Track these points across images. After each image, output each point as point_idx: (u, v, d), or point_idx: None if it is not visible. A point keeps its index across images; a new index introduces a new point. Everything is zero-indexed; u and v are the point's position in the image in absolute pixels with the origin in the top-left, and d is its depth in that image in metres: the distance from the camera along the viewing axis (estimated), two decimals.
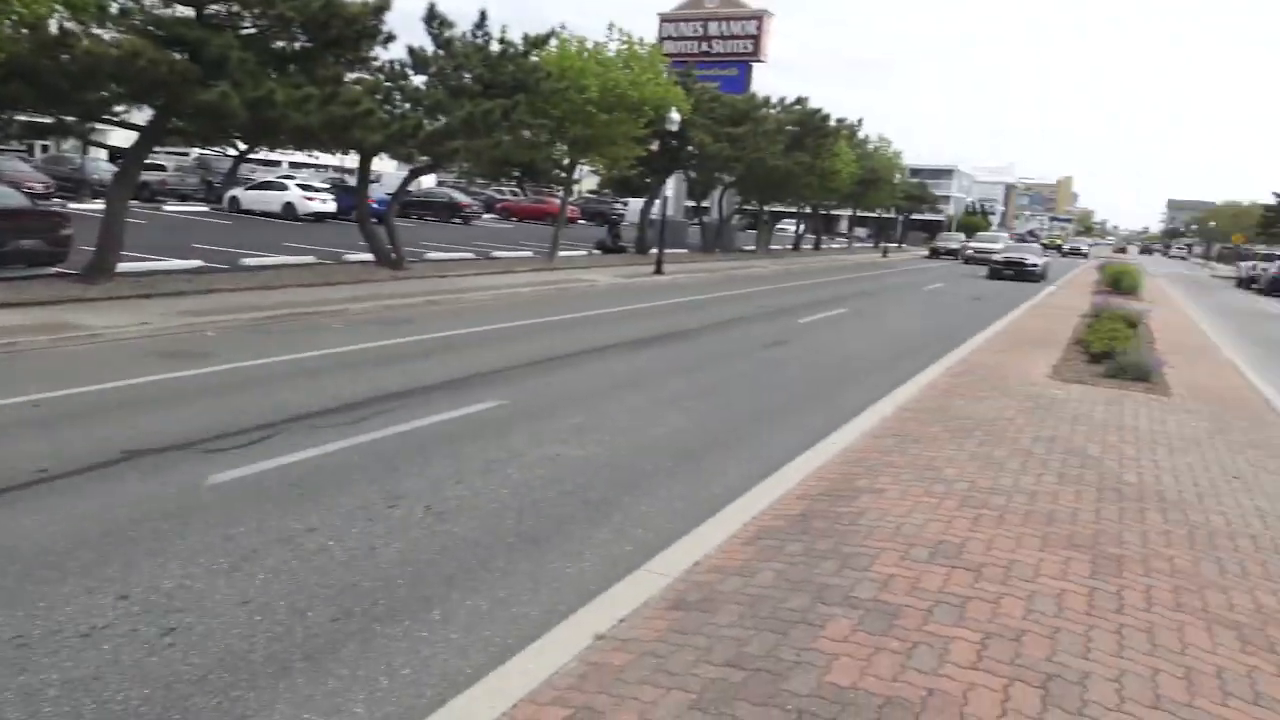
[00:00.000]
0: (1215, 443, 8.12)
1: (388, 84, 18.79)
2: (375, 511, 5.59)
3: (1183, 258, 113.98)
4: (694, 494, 6.37)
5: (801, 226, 55.40)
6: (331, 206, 36.09)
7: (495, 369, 10.30)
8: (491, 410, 8.33)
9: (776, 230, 63.17)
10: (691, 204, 44.76)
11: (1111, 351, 12.03)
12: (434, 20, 19.77)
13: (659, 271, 25.57)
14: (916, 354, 13.44)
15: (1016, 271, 34.75)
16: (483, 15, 20.70)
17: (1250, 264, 49.40)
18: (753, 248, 43.63)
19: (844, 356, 13.07)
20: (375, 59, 17.46)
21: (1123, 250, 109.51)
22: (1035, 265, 35.41)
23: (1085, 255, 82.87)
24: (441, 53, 19.72)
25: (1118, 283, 27.03)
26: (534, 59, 21.57)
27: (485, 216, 49.09)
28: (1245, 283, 47.76)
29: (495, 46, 20.87)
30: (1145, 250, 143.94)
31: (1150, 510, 5.82)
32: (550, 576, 4.85)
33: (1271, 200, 63.93)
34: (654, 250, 27.93)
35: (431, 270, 20.97)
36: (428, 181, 48.32)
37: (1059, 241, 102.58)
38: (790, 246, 51.54)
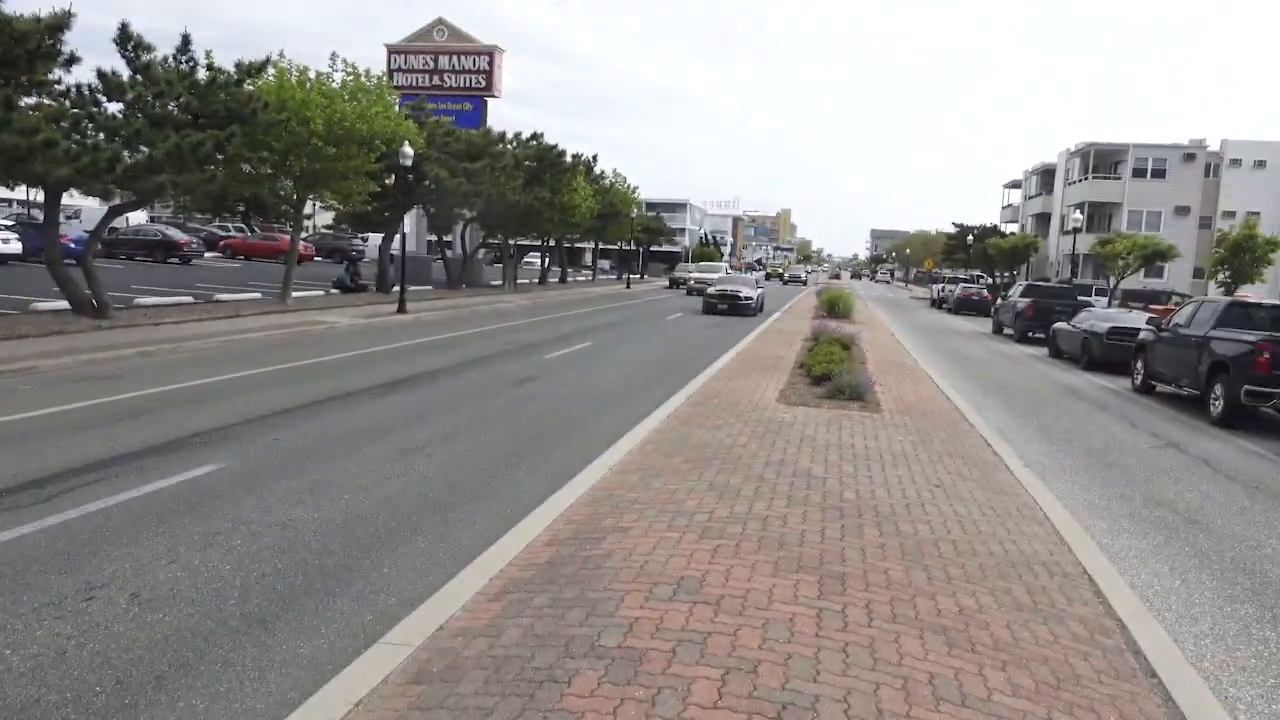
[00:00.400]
0: (920, 455, 9.00)
1: (75, 111, 16.89)
2: (67, 607, 4.89)
3: (886, 282, 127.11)
4: (440, 549, 6.13)
5: (546, 260, 56.07)
6: (16, 247, 31.94)
7: (218, 426, 9.46)
8: (212, 475, 7.62)
9: (523, 264, 63.35)
10: (434, 239, 44.01)
11: (830, 374, 13.06)
12: (128, 42, 18.00)
13: (402, 310, 24.83)
14: (659, 383, 13.90)
15: (730, 305, 32.19)
16: (185, 39, 19.16)
17: (940, 286, 56.00)
18: (499, 282, 43.55)
19: (591, 391, 13.26)
20: (58, 82, 15.67)
21: (837, 276, 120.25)
22: (749, 298, 32.65)
23: (805, 283, 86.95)
24: (139, 78, 18.02)
25: (833, 307, 29.52)
26: (249, 88, 20.30)
27: (207, 255, 45.40)
28: (937, 303, 54.06)
29: (203, 74, 19.41)
30: (855, 275, 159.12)
31: (868, 525, 6.32)
32: (280, 661, 4.45)
33: (952, 229, 72.77)
34: (396, 288, 27.10)
35: (143, 317, 19.04)
36: (137, 218, 44.03)
37: (780, 270, 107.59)
38: (537, 280, 51.98)
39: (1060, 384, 17.99)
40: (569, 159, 43.24)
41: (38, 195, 29.20)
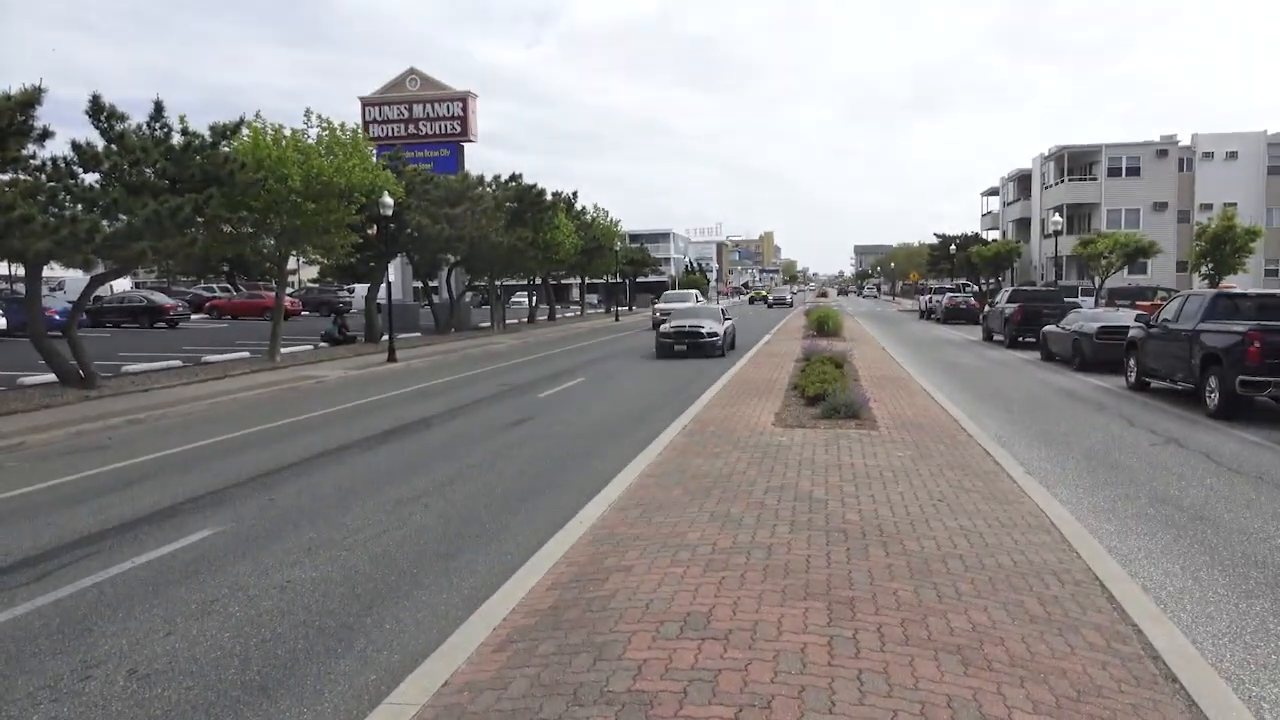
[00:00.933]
0: (920, 469, 8.94)
1: (51, 184, 16.90)
2: (63, 689, 4.78)
3: (874, 296, 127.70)
4: (442, 601, 6.04)
5: (534, 298, 56.18)
6: (0, 323, 31.83)
7: (211, 490, 9.36)
8: (208, 540, 7.51)
9: (511, 303, 63.43)
10: (420, 285, 44.05)
11: (824, 393, 13.03)
12: (101, 113, 18.07)
13: (392, 359, 24.77)
14: (654, 415, 13.84)
15: (690, 345, 25.62)
16: (158, 106, 19.25)
17: (927, 298, 56.23)
18: (487, 324, 43.57)
19: (587, 428, 13.18)
20: (32, 157, 15.69)
21: (824, 295, 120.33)
22: (714, 335, 25.82)
23: (790, 304, 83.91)
24: (114, 148, 18.06)
25: (822, 326, 29.57)
26: (225, 150, 20.36)
27: (194, 317, 45.36)
28: (926, 314, 54.25)
29: (178, 139, 19.47)
30: (842, 292, 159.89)
31: (873, 546, 6.24)
32: None
33: (935, 240, 73.28)
34: (385, 337, 27.04)
35: (131, 385, 18.94)
36: (121, 284, 44.01)
37: (764, 293, 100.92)
38: (525, 319, 52.02)
39: (1055, 387, 17.98)
40: (549, 197, 43.47)
41: (18, 270, 29.10)
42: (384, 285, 30.05)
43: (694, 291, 36.68)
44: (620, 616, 5.00)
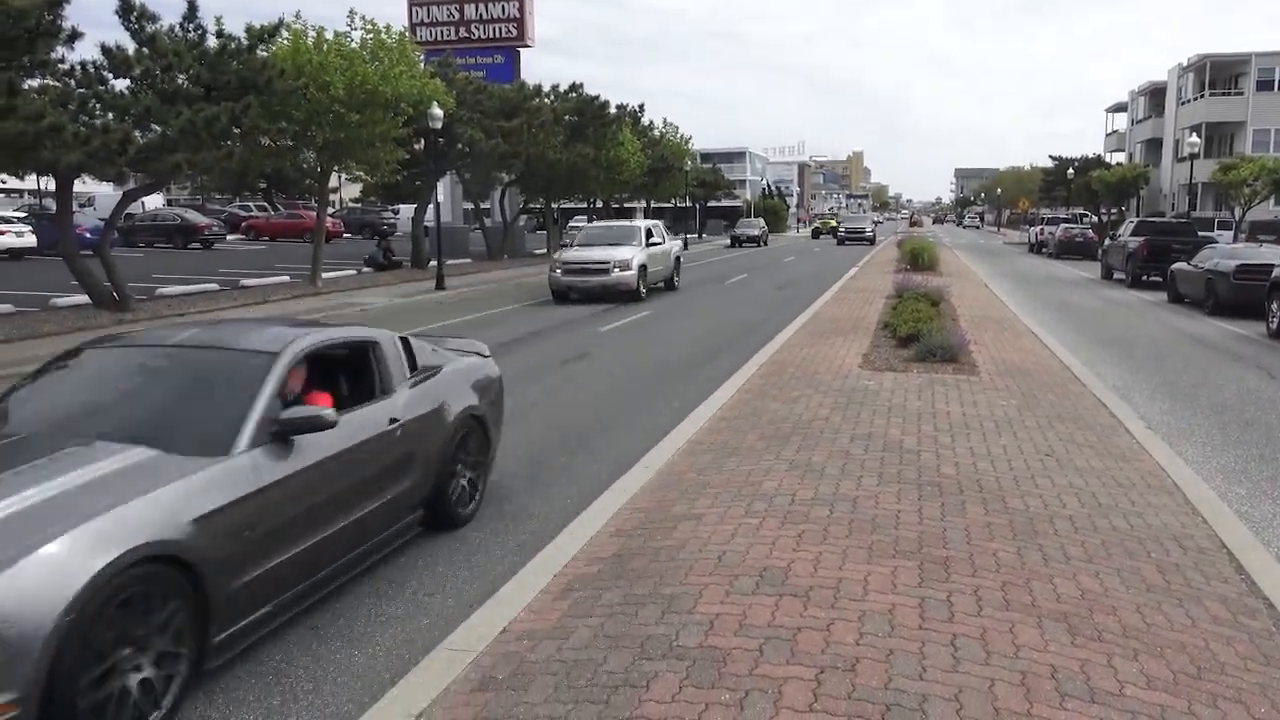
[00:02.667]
0: (1026, 420, 8.81)
1: (81, 91, 17.32)
2: None
3: (976, 227, 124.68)
4: (497, 543, 6.20)
5: (592, 220, 56.13)
6: (30, 240, 33.11)
7: None
8: None
9: (569, 229, 63.57)
10: (470, 207, 44.37)
11: (918, 334, 12.85)
12: (130, 12, 18.35)
13: (440, 286, 25.12)
14: (727, 352, 13.84)
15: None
16: (191, 6, 19.47)
17: (1038, 229, 54.70)
18: (543, 250, 43.75)
19: (651, 364, 13.25)
20: (61, 61, 16.08)
21: (917, 223, 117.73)
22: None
23: (871, 238, 59.85)
24: (146, 51, 18.37)
25: (916, 259, 29.06)
26: (262, 55, 20.58)
27: (230, 238, 46.43)
28: (1036, 248, 52.83)
29: (213, 42, 19.72)
30: (938, 220, 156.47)
31: (971, 503, 6.21)
32: (334, 671, 4.55)
33: (1049, 164, 71.04)
34: (433, 263, 27.41)
35: (166, 308, 19.58)
36: (153, 201, 45.19)
37: (834, 223, 80.00)
38: None
39: (1183, 333, 17.46)
40: (613, 110, 43.07)
41: (49, 184, 30.06)
42: (432, 206, 30.37)
43: (640, 226, 21.35)
44: (690, 568, 5.08)
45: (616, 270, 21.49)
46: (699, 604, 4.59)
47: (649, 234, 23.92)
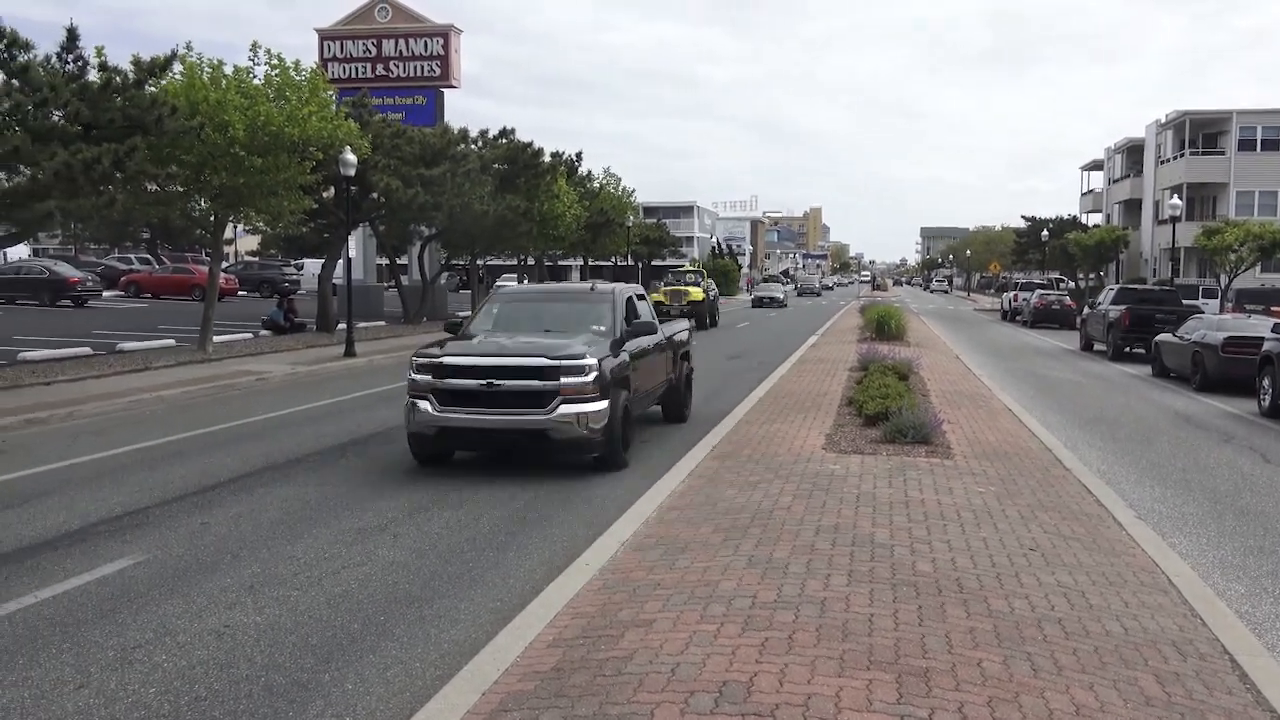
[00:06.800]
0: (1007, 510, 8.94)
1: None
2: None
3: (945, 291, 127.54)
4: (416, 656, 6.07)
5: (525, 281, 56.28)
6: None
7: (131, 510, 9.43)
8: (127, 571, 7.57)
9: (497, 288, 63.48)
10: (385, 263, 44.25)
11: (886, 411, 13.01)
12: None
13: (350, 353, 24.87)
14: (675, 431, 13.86)
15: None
16: (71, 35, 19.25)
17: (1012, 295, 56.17)
18: (467, 312, 43.67)
19: None
20: None
21: (880, 287, 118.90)
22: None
23: (819, 294, 63.13)
24: (16, 84, 18.10)
25: (882, 327, 29.55)
26: (152, 90, 20.44)
27: (107, 294, 45.60)
28: (1009, 315, 54.19)
29: (95, 75, 19.53)
30: (898, 283, 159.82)
31: (951, 604, 6.24)
32: None
33: (1022, 224, 73.19)
34: (342, 325, 27.16)
35: (30, 375, 19.06)
36: (17, 252, 44.32)
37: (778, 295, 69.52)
38: None
39: (1170, 410, 17.95)
40: (548, 159, 43.52)
41: None
42: (342, 261, 30.14)
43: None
44: (639, 683, 5.01)
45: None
46: None
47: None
